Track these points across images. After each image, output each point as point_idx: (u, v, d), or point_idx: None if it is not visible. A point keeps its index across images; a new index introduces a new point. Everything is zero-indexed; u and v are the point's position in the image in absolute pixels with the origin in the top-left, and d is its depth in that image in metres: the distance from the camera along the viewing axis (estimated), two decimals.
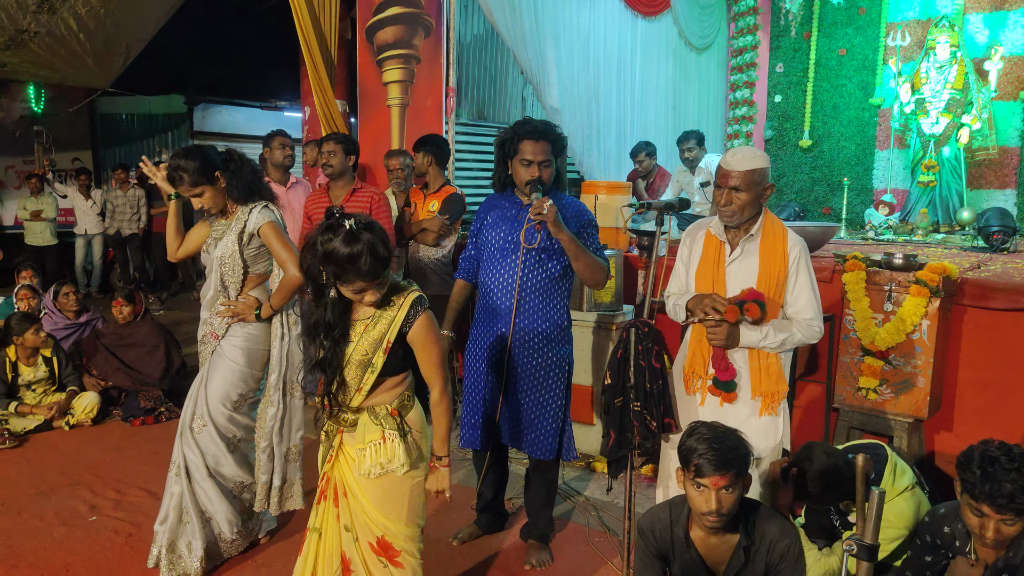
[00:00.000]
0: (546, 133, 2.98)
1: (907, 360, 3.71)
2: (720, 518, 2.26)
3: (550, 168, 2.99)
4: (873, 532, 1.82)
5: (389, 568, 2.34)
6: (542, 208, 2.81)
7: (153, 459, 4.32)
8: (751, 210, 2.67)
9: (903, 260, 3.84)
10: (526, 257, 3.03)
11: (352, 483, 2.34)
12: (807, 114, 9.42)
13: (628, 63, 7.80)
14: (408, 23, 5.95)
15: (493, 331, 3.13)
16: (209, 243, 3.14)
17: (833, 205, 9.10)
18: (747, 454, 2.31)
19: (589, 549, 3.39)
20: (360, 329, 2.26)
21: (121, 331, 5.35)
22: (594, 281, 3.07)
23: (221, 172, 3.06)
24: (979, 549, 2.35)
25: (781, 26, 9.43)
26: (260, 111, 13.13)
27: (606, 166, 7.29)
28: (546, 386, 3.10)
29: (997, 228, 5.65)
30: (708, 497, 2.24)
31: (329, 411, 2.36)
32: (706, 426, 2.34)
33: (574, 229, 3.00)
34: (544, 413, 3.10)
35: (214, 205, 3.08)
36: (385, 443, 2.26)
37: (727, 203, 2.65)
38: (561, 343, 3.14)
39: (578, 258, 2.96)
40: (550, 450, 3.14)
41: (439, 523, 3.58)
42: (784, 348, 2.69)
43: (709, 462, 2.22)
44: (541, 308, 3.07)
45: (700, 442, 2.27)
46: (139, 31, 8.70)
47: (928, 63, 8.00)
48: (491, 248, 3.12)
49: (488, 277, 3.14)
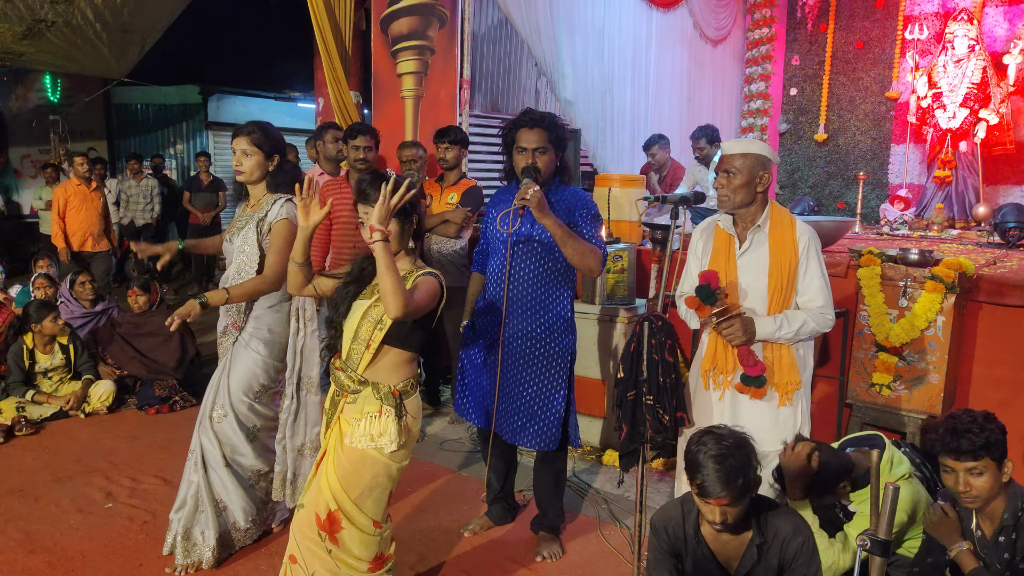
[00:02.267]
0: (541, 120, 2.99)
1: (921, 356, 3.70)
2: (724, 527, 2.26)
3: (546, 156, 2.99)
4: (887, 527, 1.82)
5: (326, 543, 2.40)
6: (526, 193, 2.81)
7: (168, 447, 4.36)
8: (745, 194, 2.71)
9: (918, 256, 3.82)
10: (516, 247, 3.04)
11: (330, 452, 2.43)
12: (823, 107, 9.36)
13: (643, 55, 7.77)
14: (423, 14, 5.95)
15: (486, 321, 3.17)
16: (232, 232, 3.16)
17: (848, 200, 9.05)
18: (753, 471, 2.25)
19: (600, 542, 3.40)
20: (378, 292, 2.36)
21: (136, 320, 5.40)
22: (586, 268, 3.02)
23: (280, 156, 3.14)
24: (981, 523, 2.41)
25: (797, 18, 9.37)
26: (274, 102, 13.18)
27: (620, 159, 7.27)
28: (547, 377, 3.10)
29: (1014, 224, 5.60)
30: (712, 511, 2.24)
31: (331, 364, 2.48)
32: (714, 438, 2.26)
33: (564, 219, 2.97)
34: (547, 405, 3.11)
35: (249, 173, 3.08)
36: (381, 416, 2.36)
37: (719, 185, 2.74)
38: (562, 334, 3.13)
39: (565, 243, 2.93)
40: (553, 440, 3.14)
41: (450, 514, 3.60)
42: (798, 338, 2.70)
43: (713, 484, 2.19)
44: (537, 299, 3.07)
45: (706, 459, 2.20)
46: (155, 21, 8.75)
47: (946, 57, 7.92)
48: (494, 241, 3.17)
49: (488, 268, 3.21)
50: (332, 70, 5.81)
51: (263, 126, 3.11)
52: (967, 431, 2.29)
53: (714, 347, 2.80)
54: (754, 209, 2.76)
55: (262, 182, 3.14)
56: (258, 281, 3.01)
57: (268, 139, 3.08)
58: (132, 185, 9.30)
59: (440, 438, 4.58)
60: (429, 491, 3.86)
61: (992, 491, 2.33)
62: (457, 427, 4.75)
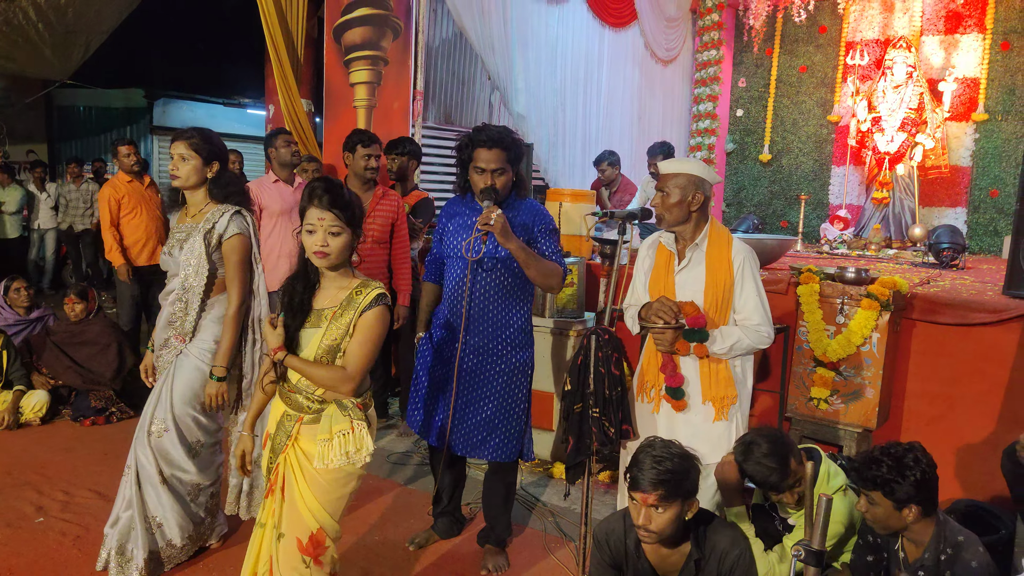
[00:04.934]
0: (500, 140, 2.97)
1: (857, 371, 3.81)
2: (649, 534, 2.28)
3: (504, 175, 2.99)
4: (821, 538, 1.87)
5: (311, 568, 2.34)
6: (489, 219, 2.82)
7: (104, 460, 4.23)
8: (678, 213, 2.78)
9: (855, 274, 3.94)
10: (477, 265, 3.04)
11: (297, 476, 2.33)
12: (767, 129, 9.63)
13: (595, 72, 7.89)
14: (377, 25, 5.93)
15: (445, 336, 3.16)
16: (172, 244, 3.06)
17: (790, 219, 9.29)
18: (689, 482, 2.31)
19: (545, 555, 3.41)
20: (329, 316, 2.29)
21: (73, 329, 5.23)
22: (547, 286, 3.08)
23: (220, 163, 3.05)
24: (905, 545, 2.48)
25: (744, 42, 9.63)
26: (222, 107, 12.97)
27: (571, 174, 7.35)
28: (509, 391, 3.11)
29: (947, 245, 5.82)
30: (637, 511, 2.28)
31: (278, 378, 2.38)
32: (663, 444, 2.35)
33: (524, 236, 3.00)
34: (508, 417, 3.11)
35: (186, 178, 2.99)
36: (354, 432, 2.28)
37: (655, 203, 2.82)
38: (522, 347, 3.15)
39: (528, 265, 2.97)
40: (513, 452, 3.15)
41: (396, 527, 3.57)
42: (733, 354, 2.75)
43: (643, 478, 2.25)
44: (496, 315, 3.07)
45: (645, 457, 2.29)
46: (100, 23, 8.54)
47: (885, 82, 8.23)
48: (451, 256, 3.14)
49: (448, 283, 3.17)
50: (283, 77, 5.75)
51: (203, 131, 3.04)
52: (877, 463, 2.37)
53: (648, 358, 2.85)
54: (691, 227, 2.82)
55: (201, 188, 3.04)
56: (230, 317, 2.98)
57: (207, 145, 3.00)
58: (72, 189, 9.04)
59: (387, 451, 4.54)
60: (375, 505, 3.82)
61: (885, 523, 2.40)
62: (405, 440, 4.71)
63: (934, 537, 2.38)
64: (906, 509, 2.34)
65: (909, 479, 2.31)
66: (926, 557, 2.38)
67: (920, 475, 2.32)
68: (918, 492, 2.32)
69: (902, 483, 2.31)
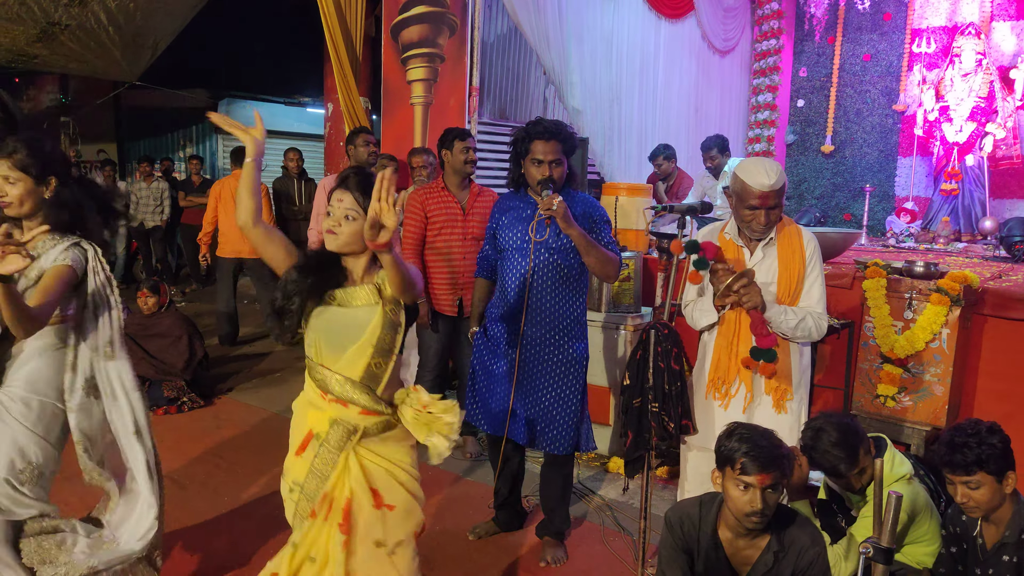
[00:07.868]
0: (556, 132, 3.01)
1: (926, 368, 3.71)
2: (763, 518, 2.27)
3: (561, 167, 3.03)
4: (890, 535, 1.84)
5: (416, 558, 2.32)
6: (551, 204, 2.84)
7: (175, 447, 4.38)
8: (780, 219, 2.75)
9: (924, 268, 3.84)
10: (536, 254, 3.07)
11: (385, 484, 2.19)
12: (830, 119, 9.41)
13: (651, 65, 7.81)
14: (433, 22, 6.00)
15: (500, 329, 3.19)
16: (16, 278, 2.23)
17: (854, 211, 9.07)
18: (789, 454, 2.34)
19: (604, 548, 3.42)
20: (373, 317, 2.10)
21: (145, 321, 5.43)
22: (605, 275, 3.11)
23: (57, 177, 2.37)
24: (984, 529, 2.45)
25: (805, 30, 9.41)
26: (283, 107, 13.24)
27: (627, 168, 7.31)
28: (566, 382, 3.14)
29: (1020, 238, 5.62)
30: (753, 496, 2.23)
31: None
32: (745, 427, 2.35)
33: (584, 225, 3.03)
34: (564, 408, 3.14)
35: (19, 204, 2.32)
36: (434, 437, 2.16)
37: (766, 222, 2.67)
38: (578, 338, 3.17)
39: (588, 252, 2.99)
40: (569, 444, 3.17)
41: (456, 519, 3.62)
42: (796, 333, 2.69)
43: (754, 460, 2.23)
44: (554, 305, 3.10)
45: (743, 441, 2.27)
46: (167, 26, 8.81)
47: (953, 71, 7.95)
48: (509, 248, 3.17)
49: (505, 276, 3.20)
50: (343, 76, 5.86)
51: (29, 142, 2.34)
52: (963, 445, 2.33)
53: (719, 356, 2.81)
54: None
55: (37, 215, 2.36)
56: None
57: (36, 158, 2.32)
58: (143, 187, 9.36)
59: None
60: (434, 495, 3.88)
61: (992, 503, 2.36)
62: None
63: (1014, 515, 2.38)
64: (1006, 480, 2.36)
65: (999, 447, 2.33)
66: (1007, 535, 2.37)
67: (1004, 438, 2.36)
68: (1009, 456, 2.35)
69: (996, 453, 2.32)
